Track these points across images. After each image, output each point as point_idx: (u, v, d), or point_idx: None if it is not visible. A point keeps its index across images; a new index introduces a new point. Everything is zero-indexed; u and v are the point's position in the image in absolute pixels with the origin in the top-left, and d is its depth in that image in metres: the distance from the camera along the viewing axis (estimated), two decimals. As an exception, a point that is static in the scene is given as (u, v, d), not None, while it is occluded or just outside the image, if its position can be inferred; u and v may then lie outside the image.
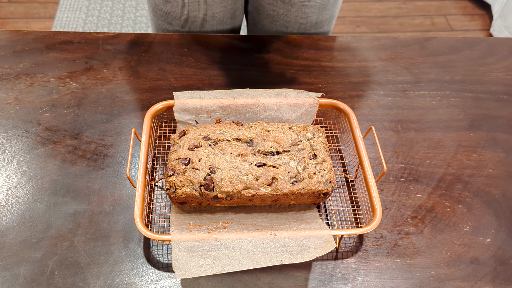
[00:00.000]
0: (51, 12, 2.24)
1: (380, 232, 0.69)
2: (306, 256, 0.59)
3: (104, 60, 0.89)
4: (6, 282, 0.61)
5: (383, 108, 0.85)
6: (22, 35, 0.93)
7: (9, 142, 0.76)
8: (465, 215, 0.71)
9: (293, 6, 0.95)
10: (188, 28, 0.98)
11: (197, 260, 0.58)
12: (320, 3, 0.96)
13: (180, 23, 0.97)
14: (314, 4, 0.95)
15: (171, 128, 0.78)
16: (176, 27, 0.98)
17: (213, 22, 0.97)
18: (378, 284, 0.64)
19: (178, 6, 0.94)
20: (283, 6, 0.96)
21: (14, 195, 0.70)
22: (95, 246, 0.65)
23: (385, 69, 0.92)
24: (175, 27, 0.98)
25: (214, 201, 0.65)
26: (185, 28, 0.98)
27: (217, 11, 0.95)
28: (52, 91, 0.84)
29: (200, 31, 0.99)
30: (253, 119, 0.75)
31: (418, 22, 2.32)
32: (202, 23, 0.97)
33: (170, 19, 0.97)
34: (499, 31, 2.17)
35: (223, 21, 0.98)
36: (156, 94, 0.84)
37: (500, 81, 0.91)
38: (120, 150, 0.76)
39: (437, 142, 0.80)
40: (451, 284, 0.64)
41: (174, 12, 0.96)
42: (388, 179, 0.75)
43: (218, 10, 0.95)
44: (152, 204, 0.69)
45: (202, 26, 0.97)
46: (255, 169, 0.65)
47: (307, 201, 0.67)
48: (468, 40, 0.99)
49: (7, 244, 0.65)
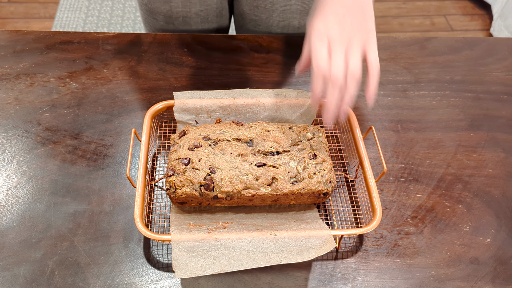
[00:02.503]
0: (51, 12, 2.24)
1: (380, 232, 0.69)
2: (306, 256, 0.59)
3: (104, 60, 0.89)
4: (6, 282, 0.61)
5: (383, 108, 0.85)
6: (22, 35, 0.93)
7: (9, 142, 0.76)
8: (465, 215, 0.71)
9: (274, 11, 0.95)
10: (172, 24, 0.97)
11: (197, 260, 0.58)
12: (302, 9, 0.95)
13: (164, 19, 0.97)
14: (295, 9, 0.95)
15: (171, 128, 0.78)
16: (161, 22, 0.98)
17: (197, 19, 0.97)
18: (378, 284, 0.64)
19: (161, 2, 0.94)
20: (264, 11, 0.96)
21: (14, 195, 0.70)
22: (95, 246, 0.65)
23: (385, 69, 0.92)
24: (160, 22, 0.98)
25: (214, 201, 0.65)
26: (169, 23, 0.97)
27: (201, 9, 0.95)
28: (52, 91, 0.84)
29: (184, 28, 0.98)
30: (253, 119, 0.75)
31: (418, 22, 2.32)
32: (186, 19, 0.96)
33: (154, 14, 0.97)
34: (499, 31, 2.17)
35: (208, 19, 0.98)
36: (156, 94, 0.84)
37: (500, 81, 0.91)
38: (120, 150, 0.76)
39: (437, 142, 0.80)
40: (451, 284, 0.64)
41: (157, 8, 0.96)
42: (388, 179, 0.75)
43: (202, 8, 0.95)
44: (152, 204, 0.69)
45: (186, 23, 0.97)
46: (255, 169, 0.65)
47: (307, 201, 0.67)
48: (468, 40, 0.99)
49: (7, 244, 0.65)
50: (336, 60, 0.58)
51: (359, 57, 0.60)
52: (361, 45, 0.60)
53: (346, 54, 0.59)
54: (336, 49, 0.59)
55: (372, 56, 0.61)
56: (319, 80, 0.59)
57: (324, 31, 0.60)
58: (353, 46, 0.60)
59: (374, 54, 0.61)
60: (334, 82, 0.58)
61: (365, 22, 0.61)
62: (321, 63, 0.59)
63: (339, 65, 0.58)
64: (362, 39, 0.60)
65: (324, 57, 0.59)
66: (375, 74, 0.61)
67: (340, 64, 0.58)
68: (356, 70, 0.59)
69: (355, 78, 0.59)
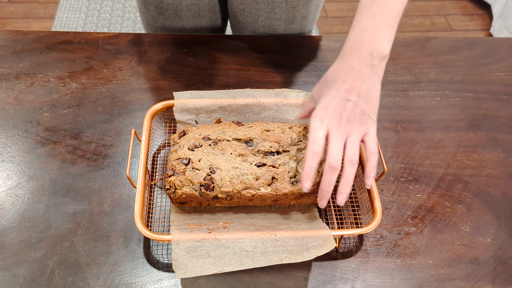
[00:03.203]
0: (51, 12, 2.24)
1: (380, 232, 0.69)
2: (306, 256, 0.59)
3: (104, 60, 0.89)
4: (6, 282, 0.61)
5: (383, 108, 0.85)
6: (22, 35, 0.93)
7: (9, 142, 0.76)
8: (465, 215, 0.71)
9: (259, 17, 0.95)
10: (163, 16, 0.97)
11: (197, 260, 0.58)
12: (286, 17, 0.95)
13: (155, 9, 0.97)
14: (279, 17, 0.95)
15: (171, 128, 0.78)
16: (153, 12, 0.98)
17: (189, 13, 0.97)
18: (378, 284, 0.64)
19: None
20: (250, 15, 0.96)
21: (14, 195, 0.70)
22: (95, 246, 0.65)
23: (385, 69, 0.91)
24: (152, 13, 0.98)
25: (214, 201, 0.65)
26: (160, 14, 0.97)
27: (192, 3, 0.95)
28: (52, 91, 0.84)
29: (176, 22, 0.98)
30: (253, 119, 0.75)
31: (418, 22, 2.32)
32: (176, 12, 0.96)
33: (146, 3, 0.97)
34: (499, 31, 2.17)
35: (199, 14, 0.98)
36: (156, 94, 0.84)
37: (500, 81, 0.91)
38: (120, 150, 0.76)
39: (437, 142, 0.80)
40: (451, 284, 0.64)
41: None
42: (388, 179, 0.75)
43: (193, 2, 0.95)
44: (152, 204, 0.69)
45: (177, 15, 0.97)
46: (255, 169, 0.65)
47: (307, 201, 0.67)
48: (468, 40, 0.99)
49: (7, 244, 0.65)
50: (335, 148, 0.58)
51: (358, 146, 0.60)
52: (360, 137, 0.60)
53: (344, 142, 0.60)
54: (333, 138, 0.59)
55: (370, 142, 0.61)
56: (313, 162, 0.59)
57: (325, 122, 0.60)
58: (352, 138, 0.60)
59: (372, 140, 0.61)
60: (331, 168, 0.58)
61: (367, 113, 0.60)
62: (317, 148, 0.59)
63: (337, 153, 0.58)
64: (361, 132, 0.60)
65: (320, 142, 0.59)
66: (371, 158, 0.60)
67: (338, 152, 0.58)
68: (353, 157, 0.59)
69: (352, 164, 0.59)
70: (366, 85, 0.61)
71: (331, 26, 2.23)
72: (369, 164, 0.60)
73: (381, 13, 0.62)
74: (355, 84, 0.60)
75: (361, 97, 0.60)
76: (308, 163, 0.59)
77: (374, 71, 0.61)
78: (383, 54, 0.61)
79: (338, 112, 0.60)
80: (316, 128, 0.60)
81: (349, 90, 0.60)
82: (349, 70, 0.61)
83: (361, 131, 0.60)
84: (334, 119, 0.60)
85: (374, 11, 0.62)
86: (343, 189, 0.59)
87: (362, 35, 0.62)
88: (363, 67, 0.61)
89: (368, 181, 0.61)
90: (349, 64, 0.61)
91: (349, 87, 0.60)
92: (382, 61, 0.62)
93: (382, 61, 0.62)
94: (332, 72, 0.63)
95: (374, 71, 0.61)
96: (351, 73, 0.61)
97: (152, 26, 1.01)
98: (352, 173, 0.59)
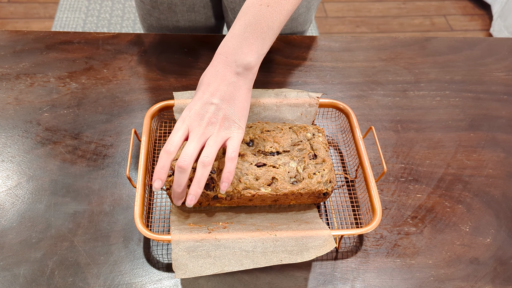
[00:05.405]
0: (51, 12, 2.24)
1: (380, 232, 0.69)
2: (306, 256, 0.59)
3: (104, 60, 0.89)
4: (6, 282, 0.61)
5: (383, 108, 0.85)
6: (22, 35, 0.93)
7: (9, 142, 0.76)
8: (465, 215, 0.71)
9: None
10: (158, 9, 0.97)
11: (197, 260, 0.58)
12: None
13: (150, 3, 0.97)
14: None
15: (171, 128, 0.78)
16: (148, 6, 0.98)
17: (183, 8, 0.97)
18: (378, 284, 0.64)
19: None
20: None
21: (14, 195, 0.70)
22: (95, 246, 0.65)
23: (385, 69, 0.92)
24: (146, 6, 0.98)
25: (214, 201, 0.65)
26: (155, 8, 0.97)
27: None
28: (52, 91, 0.84)
29: (171, 16, 0.98)
30: (253, 119, 0.75)
31: (418, 22, 2.32)
32: (171, 6, 0.96)
33: None
34: (499, 31, 2.17)
35: (194, 9, 0.97)
36: (156, 94, 0.84)
37: (500, 81, 0.91)
38: (120, 150, 0.76)
39: (437, 142, 0.80)
40: (451, 284, 0.64)
41: None
42: (388, 179, 0.75)
43: None
44: (152, 204, 0.69)
45: (172, 10, 0.97)
46: (255, 169, 0.65)
47: (307, 201, 0.67)
48: (468, 40, 0.99)
49: (7, 244, 0.65)
50: (188, 148, 0.58)
51: (214, 149, 0.59)
52: (219, 140, 0.60)
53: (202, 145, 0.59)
54: (190, 139, 0.59)
55: (230, 147, 0.60)
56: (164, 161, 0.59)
57: (186, 123, 0.60)
58: (210, 140, 0.59)
59: (232, 145, 0.60)
60: (179, 168, 0.58)
61: (232, 118, 0.60)
62: (169, 147, 0.59)
63: (188, 154, 0.58)
64: (223, 136, 0.60)
65: (175, 142, 0.59)
66: (227, 164, 0.59)
67: (190, 154, 0.58)
68: (205, 159, 0.58)
69: (204, 165, 0.58)
70: (231, 90, 0.61)
71: (331, 26, 2.23)
72: (225, 169, 0.59)
73: (253, 24, 0.62)
74: (219, 88, 0.61)
75: (224, 101, 0.60)
76: (159, 162, 0.59)
77: (240, 78, 0.61)
78: (248, 65, 0.61)
79: (200, 114, 0.60)
80: (176, 128, 0.60)
81: (213, 94, 0.61)
82: (215, 73, 0.61)
83: (223, 135, 0.60)
84: (196, 120, 0.60)
85: (247, 20, 0.62)
86: (192, 190, 0.59)
87: (231, 41, 0.62)
88: (227, 72, 0.61)
89: (221, 186, 0.60)
90: (215, 68, 0.62)
91: (213, 90, 0.61)
92: (247, 71, 0.62)
93: (248, 71, 0.62)
94: (203, 75, 0.63)
95: (240, 78, 0.61)
96: (216, 77, 0.61)
97: (147, 20, 1.01)
98: (203, 174, 0.58)
